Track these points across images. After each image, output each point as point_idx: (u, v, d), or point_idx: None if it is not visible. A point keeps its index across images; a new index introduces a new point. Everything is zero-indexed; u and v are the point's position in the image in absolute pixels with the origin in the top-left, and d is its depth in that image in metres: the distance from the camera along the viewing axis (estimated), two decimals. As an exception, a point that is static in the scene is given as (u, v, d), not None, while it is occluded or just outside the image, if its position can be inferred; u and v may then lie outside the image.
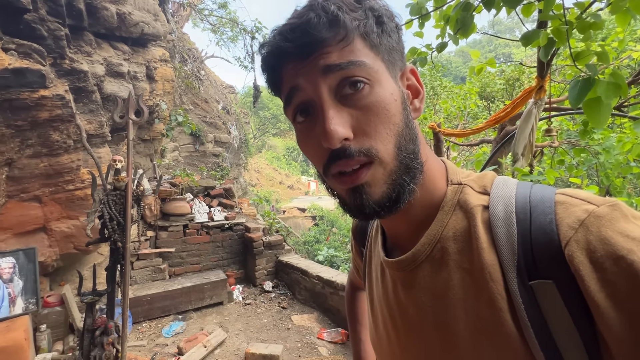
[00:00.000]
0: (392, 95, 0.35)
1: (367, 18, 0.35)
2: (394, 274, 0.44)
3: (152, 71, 3.78)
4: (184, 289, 3.28)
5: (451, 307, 0.37)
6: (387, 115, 0.35)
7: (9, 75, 2.01)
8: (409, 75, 0.40)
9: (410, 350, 0.43)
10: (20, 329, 2.07)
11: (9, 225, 2.42)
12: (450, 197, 0.40)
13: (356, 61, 0.34)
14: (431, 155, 0.42)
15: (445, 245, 0.38)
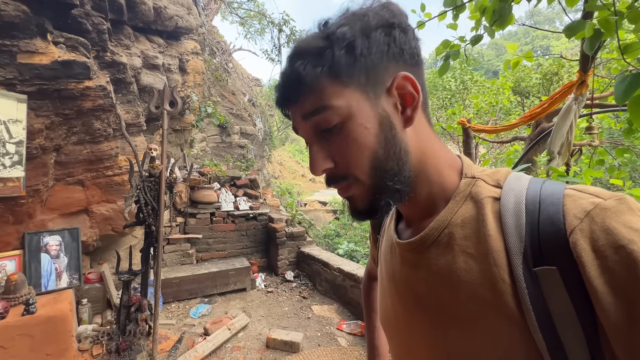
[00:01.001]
0: (363, 126, 0.39)
1: (333, 56, 0.39)
2: (403, 255, 0.47)
3: (185, 63, 3.91)
4: (210, 273, 3.43)
5: (453, 289, 0.39)
6: (358, 145, 0.40)
7: (58, 67, 2.15)
8: (401, 84, 0.40)
9: (413, 327, 0.46)
10: (65, 301, 2.25)
11: (56, 206, 2.62)
12: (462, 189, 0.43)
13: (324, 106, 0.39)
14: (443, 151, 0.45)
15: (453, 230, 0.41)
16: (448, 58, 1.79)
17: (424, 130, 0.44)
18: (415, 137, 0.42)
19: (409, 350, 0.48)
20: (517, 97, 6.88)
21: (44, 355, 2.06)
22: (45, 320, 2.07)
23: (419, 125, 0.43)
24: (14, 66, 1.98)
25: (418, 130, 0.43)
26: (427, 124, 0.45)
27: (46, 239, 2.48)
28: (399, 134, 0.41)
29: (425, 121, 0.45)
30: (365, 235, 9.04)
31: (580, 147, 2.30)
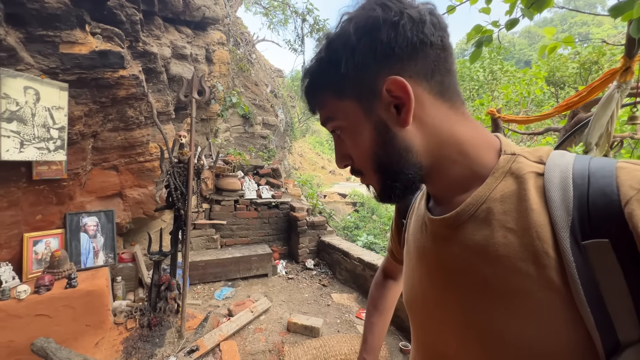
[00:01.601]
0: (359, 133, 0.45)
1: (326, 76, 0.45)
2: (436, 231, 0.48)
3: (211, 54, 3.99)
4: (234, 258, 3.55)
5: (490, 264, 0.39)
6: (360, 149, 0.46)
7: (95, 57, 2.26)
8: (389, 88, 0.42)
9: (446, 304, 0.46)
10: (102, 277, 2.42)
11: (94, 189, 2.78)
12: (502, 165, 0.42)
13: (329, 117, 0.48)
14: (475, 132, 0.45)
15: (491, 206, 0.41)
16: (480, 45, 1.73)
17: (440, 117, 0.44)
18: (423, 131, 0.44)
19: (438, 330, 0.48)
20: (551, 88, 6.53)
21: (84, 326, 2.22)
22: (85, 294, 2.23)
23: (430, 115, 0.43)
24: (57, 56, 2.10)
25: (430, 121, 0.44)
26: (445, 110, 0.44)
27: (85, 219, 2.65)
28: (398, 135, 0.44)
29: (442, 108, 0.44)
30: (385, 228, 8.98)
31: (622, 139, 2.16)
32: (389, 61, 0.42)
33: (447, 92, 0.44)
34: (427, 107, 0.43)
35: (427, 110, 0.43)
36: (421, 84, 0.43)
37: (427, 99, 0.43)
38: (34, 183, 2.26)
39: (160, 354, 2.12)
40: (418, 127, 0.43)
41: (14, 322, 2.00)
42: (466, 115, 0.46)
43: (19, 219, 2.28)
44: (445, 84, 0.44)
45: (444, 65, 0.43)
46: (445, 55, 0.43)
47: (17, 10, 1.84)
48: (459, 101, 0.45)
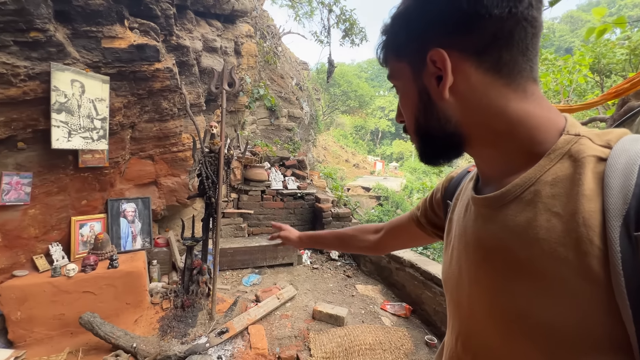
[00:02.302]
0: (407, 95, 0.49)
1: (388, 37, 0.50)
2: (479, 210, 0.48)
3: (239, 46, 4.05)
4: (260, 247, 3.64)
5: (527, 245, 0.39)
6: (405, 107, 0.51)
7: (133, 51, 2.37)
8: (433, 59, 0.43)
9: (479, 281, 0.46)
10: (140, 260, 2.57)
11: (132, 177, 2.95)
12: (560, 146, 0.40)
13: (390, 75, 0.52)
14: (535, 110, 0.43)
15: (540, 188, 0.40)
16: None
17: (490, 93, 0.42)
18: (466, 105, 0.44)
19: (470, 306, 0.49)
20: (595, 76, 6.06)
21: (124, 304, 2.39)
22: (125, 274, 2.38)
23: (477, 90, 0.43)
24: (99, 50, 2.22)
25: (475, 96, 0.43)
26: (499, 86, 0.42)
27: (124, 205, 2.82)
28: (437, 105, 0.45)
29: (496, 83, 0.42)
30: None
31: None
32: (439, 32, 0.43)
33: (506, 68, 0.41)
34: (474, 82, 0.42)
35: (473, 86, 0.42)
36: (469, 58, 0.42)
37: (474, 74, 0.42)
38: (80, 170, 2.43)
39: (193, 334, 2.24)
40: (460, 100, 0.44)
41: (64, 297, 2.18)
42: (531, 93, 0.43)
43: (67, 204, 2.47)
44: (504, 59, 0.41)
45: (508, 40, 0.40)
46: (514, 28, 0.40)
47: (65, 7, 1.96)
48: (524, 77, 0.42)
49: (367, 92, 20.55)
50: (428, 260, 3.01)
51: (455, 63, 0.42)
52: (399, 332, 2.53)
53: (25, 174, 2.10)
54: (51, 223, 2.38)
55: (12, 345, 2.10)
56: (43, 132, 2.09)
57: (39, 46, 1.88)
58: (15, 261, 2.20)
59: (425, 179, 16.10)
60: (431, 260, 3.04)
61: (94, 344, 2.12)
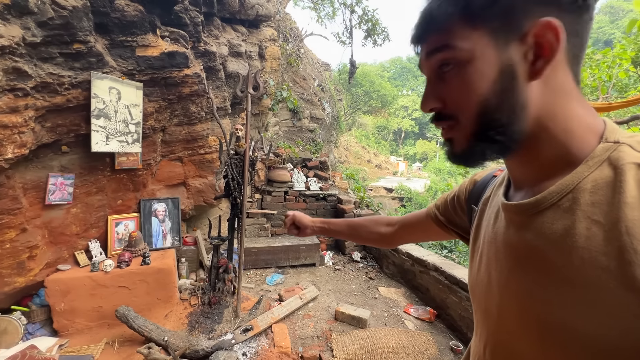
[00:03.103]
0: (480, 72, 0.40)
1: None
2: (511, 217, 0.46)
3: (263, 50, 4.14)
4: (283, 247, 3.70)
5: (565, 254, 0.37)
6: (470, 90, 0.41)
7: (165, 58, 2.49)
8: (540, 32, 0.38)
9: (509, 290, 0.45)
10: (170, 257, 2.69)
11: (162, 178, 3.09)
12: (599, 153, 0.39)
13: (447, 45, 0.41)
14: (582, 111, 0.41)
15: (578, 195, 0.38)
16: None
17: (562, 86, 0.40)
18: (543, 92, 0.40)
19: (500, 315, 0.48)
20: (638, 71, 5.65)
21: (156, 299, 2.51)
22: (156, 271, 2.50)
23: (555, 79, 0.40)
24: (134, 59, 2.35)
25: (551, 85, 0.40)
26: (570, 80, 0.41)
27: (155, 205, 2.96)
28: (519, 86, 0.40)
29: (568, 77, 0.41)
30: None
31: None
32: (547, 4, 0.38)
33: (577, 63, 0.40)
34: (559, 69, 0.39)
35: (558, 73, 0.40)
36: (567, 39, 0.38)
37: (562, 61, 0.39)
38: (116, 172, 2.59)
39: (219, 330, 2.31)
40: (543, 87, 0.40)
41: (102, 291, 2.33)
42: (580, 94, 0.42)
43: (104, 203, 2.63)
44: (578, 54, 0.40)
45: (587, 34, 0.40)
46: (589, 25, 0.39)
47: (103, 20, 2.09)
48: (578, 80, 0.42)
49: (390, 92, 20.27)
50: (453, 264, 2.93)
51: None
52: (422, 336, 2.49)
53: (68, 175, 2.26)
54: (90, 221, 2.55)
55: (56, 334, 2.27)
56: (84, 136, 2.25)
57: (81, 57, 2.02)
58: (59, 256, 2.38)
59: (450, 180, 15.65)
60: (456, 264, 2.96)
61: (129, 336, 2.24)
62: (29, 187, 2.11)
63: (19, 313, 2.18)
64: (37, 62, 1.82)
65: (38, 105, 1.91)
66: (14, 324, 2.09)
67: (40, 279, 2.22)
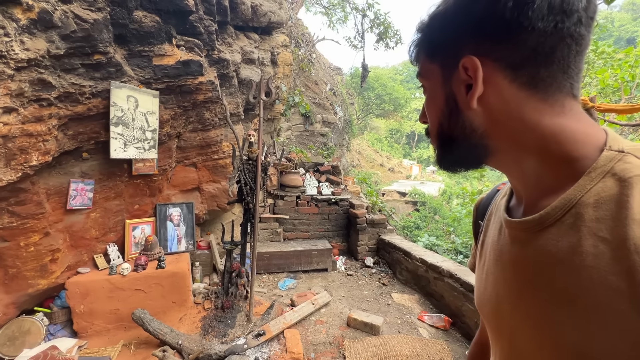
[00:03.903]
0: (432, 98, 0.49)
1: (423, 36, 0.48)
2: (515, 235, 0.45)
3: (275, 56, 4.19)
4: (296, 251, 3.70)
5: (574, 273, 0.36)
6: (430, 110, 0.49)
7: (180, 66, 2.55)
8: (465, 67, 0.42)
9: (520, 311, 0.44)
10: (184, 261, 2.74)
11: (177, 183, 3.16)
12: (602, 164, 0.37)
13: (419, 74, 0.50)
14: (571, 124, 0.40)
15: (582, 211, 0.37)
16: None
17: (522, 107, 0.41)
18: (495, 117, 0.42)
19: (512, 336, 0.46)
20: (665, 69, 5.41)
21: (170, 302, 2.55)
22: (171, 274, 2.55)
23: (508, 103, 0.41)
24: (150, 68, 2.42)
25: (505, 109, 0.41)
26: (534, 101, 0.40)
27: (170, 210, 3.02)
28: (464, 113, 0.44)
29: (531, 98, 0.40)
30: (449, 230, 8.46)
31: None
32: (475, 38, 0.41)
33: (542, 84, 0.40)
34: (506, 95, 0.41)
35: (504, 99, 0.41)
36: (504, 70, 0.40)
37: (507, 87, 0.41)
38: (133, 178, 2.66)
39: (232, 334, 2.33)
40: (488, 112, 0.42)
41: (119, 294, 2.39)
42: (569, 108, 0.41)
43: (122, 208, 2.71)
44: (541, 75, 0.39)
45: (549, 56, 0.39)
46: (557, 44, 0.38)
47: (122, 31, 2.17)
48: (563, 93, 0.40)
49: (402, 95, 20.12)
50: (469, 271, 2.86)
51: (488, 73, 0.41)
52: (437, 344, 2.43)
53: (88, 181, 2.34)
54: (109, 225, 2.62)
55: (76, 335, 2.33)
56: (103, 143, 2.32)
57: (101, 67, 2.10)
58: (79, 259, 2.46)
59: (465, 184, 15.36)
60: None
61: (144, 339, 2.28)
62: (52, 193, 2.20)
63: (42, 314, 2.26)
64: (61, 73, 1.90)
65: (61, 114, 1.99)
66: (36, 324, 2.16)
67: (62, 281, 2.30)
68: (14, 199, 1.93)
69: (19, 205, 1.96)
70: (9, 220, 1.95)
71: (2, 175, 1.74)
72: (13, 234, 1.99)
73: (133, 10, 2.15)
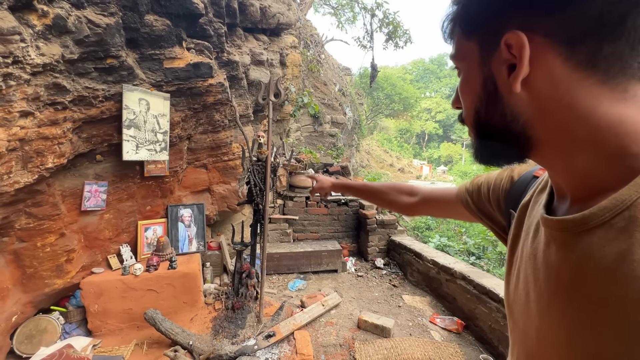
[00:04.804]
0: (467, 81, 0.43)
1: (460, 10, 0.42)
2: (552, 234, 0.41)
3: (284, 57, 4.20)
4: (305, 252, 3.70)
5: (621, 283, 0.32)
6: (465, 98, 0.44)
7: (190, 69, 2.58)
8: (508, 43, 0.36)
9: (550, 316, 0.40)
10: (195, 262, 2.76)
11: (188, 185, 3.19)
12: None
13: (453, 55, 0.45)
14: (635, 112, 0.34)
15: (637, 214, 0.32)
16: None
17: (576, 91, 0.35)
18: (541, 103, 0.37)
19: (539, 341, 0.43)
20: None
21: (182, 303, 2.57)
22: (182, 275, 2.57)
23: (559, 87, 0.35)
24: (161, 71, 2.45)
25: (555, 94, 0.36)
26: (590, 83, 0.34)
27: (182, 211, 3.06)
28: (504, 98, 0.39)
29: (588, 80, 0.34)
30: (461, 231, 8.32)
31: None
32: (524, 9, 0.35)
33: (604, 62, 0.33)
34: (557, 77, 0.35)
35: (555, 81, 0.35)
36: (557, 47, 0.34)
37: (559, 67, 0.35)
38: (145, 179, 2.70)
39: (242, 335, 2.33)
40: (534, 97, 0.37)
41: (132, 294, 2.42)
42: (632, 94, 0.34)
43: (135, 209, 2.75)
44: (604, 52, 0.33)
45: (616, 27, 0.32)
46: (629, 11, 0.31)
47: (134, 35, 2.20)
48: (627, 75, 0.34)
49: (412, 94, 19.94)
50: (482, 273, 2.80)
51: (537, 51, 0.35)
52: (450, 348, 2.38)
53: (102, 183, 2.39)
54: (122, 226, 2.67)
55: (90, 334, 2.38)
56: (116, 145, 2.36)
57: (114, 71, 2.14)
58: (93, 259, 2.51)
59: (477, 184, 15.07)
60: (485, 273, 2.83)
61: (156, 338, 2.31)
62: (67, 194, 2.25)
63: (58, 313, 2.32)
64: (75, 77, 1.94)
65: (75, 118, 2.03)
66: (53, 323, 2.21)
67: (77, 281, 2.35)
68: (31, 201, 1.98)
69: (35, 207, 2.02)
70: (26, 221, 2.01)
71: (19, 177, 1.79)
72: (30, 234, 2.05)
73: (144, 14, 2.18)
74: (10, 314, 2.02)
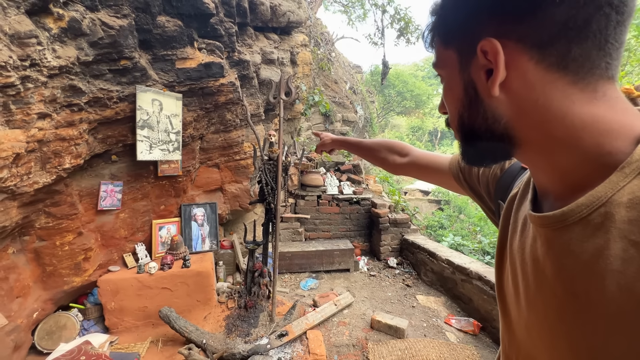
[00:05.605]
0: (450, 88, 0.45)
1: (442, 15, 0.44)
2: (537, 230, 0.42)
3: (295, 56, 4.18)
4: (317, 251, 3.68)
5: (598, 277, 0.33)
6: (448, 100, 0.46)
7: (202, 69, 2.59)
8: (483, 50, 0.38)
9: (537, 307, 0.42)
10: (208, 261, 2.78)
11: (201, 184, 3.22)
12: (637, 158, 0.33)
13: (435, 63, 0.47)
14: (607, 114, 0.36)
15: (612, 210, 0.33)
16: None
17: (550, 92, 0.36)
18: (519, 104, 0.38)
19: (529, 333, 0.44)
20: None
21: (195, 301, 2.60)
22: (196, 274, 2.60)
23: (534, 88, 0.37)
24: (174, 71, 2.47)
25: (530, 95, 0.37)
26: (563, 84, 0.36)
27: (194, 210, 3.09)
28: (485, 101, 0.40)
29: (560, 81, 0.36)
30: (475, 230, 8.15)
31: None
32: (496, 17, 0.37)
33: (574, 64, 0.35)
34: (532, 79, 0.37)
35: (530, 83, 0.37)
36: (529, 51, 0.36)
37: (532, 70, 0.36)
38: (159, 179, 2.73)
39: (255, 334, 2.34)
40: (512, 99, 0.39)
41: (147, 292, 2.46)
42: (602, 93, 0.36)
43: (149, 208, 2.79)
44: (572, 54, 0.35)
45: (582, 30, 0.34)
46: (592, 15, 0.33)
47: (146, 36, 2.22)
48: (596, 75, 0.35)
49: (424, 91, 19.64)
50: (499, 273, 2.72)
51: (511, 56, 0.37)
52: (466, 350, 2.32)
53: (117, 183, 2.43)
54: (137, 225, 2.71)
55: (107, 331, 2.43)
56: (130, 146, 2.40)
57: (127, 72, 2.16)
58: (110, 258, 2.56)
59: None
60: (503, 273, 2.75)
61: (171, 336, 2.34)
62: (84, 194, 2.29)
63: (76, 310, 2.37)
64: (90, 79, 1.98)
65: (91, 119, 2.07)
66: (72, 320, 2.27)
67: (94, 279, 2.40)
68: (49, 201, 2.03)
69: (54, 207, 2.06)
70: (45, 220, 2.06)
71: (38, 177, 1.83)
72: (49, 233, 2.10)
73: (156, 15, 2.20)
74: (32, 311, 2.08)
